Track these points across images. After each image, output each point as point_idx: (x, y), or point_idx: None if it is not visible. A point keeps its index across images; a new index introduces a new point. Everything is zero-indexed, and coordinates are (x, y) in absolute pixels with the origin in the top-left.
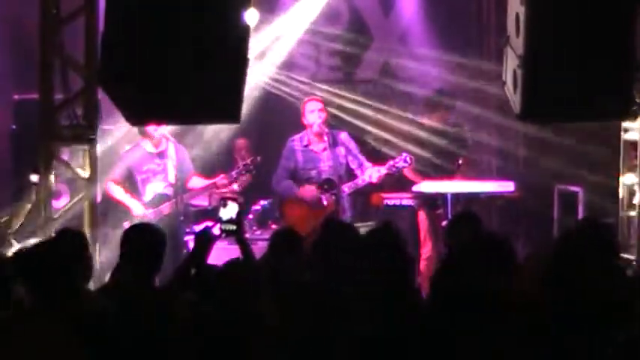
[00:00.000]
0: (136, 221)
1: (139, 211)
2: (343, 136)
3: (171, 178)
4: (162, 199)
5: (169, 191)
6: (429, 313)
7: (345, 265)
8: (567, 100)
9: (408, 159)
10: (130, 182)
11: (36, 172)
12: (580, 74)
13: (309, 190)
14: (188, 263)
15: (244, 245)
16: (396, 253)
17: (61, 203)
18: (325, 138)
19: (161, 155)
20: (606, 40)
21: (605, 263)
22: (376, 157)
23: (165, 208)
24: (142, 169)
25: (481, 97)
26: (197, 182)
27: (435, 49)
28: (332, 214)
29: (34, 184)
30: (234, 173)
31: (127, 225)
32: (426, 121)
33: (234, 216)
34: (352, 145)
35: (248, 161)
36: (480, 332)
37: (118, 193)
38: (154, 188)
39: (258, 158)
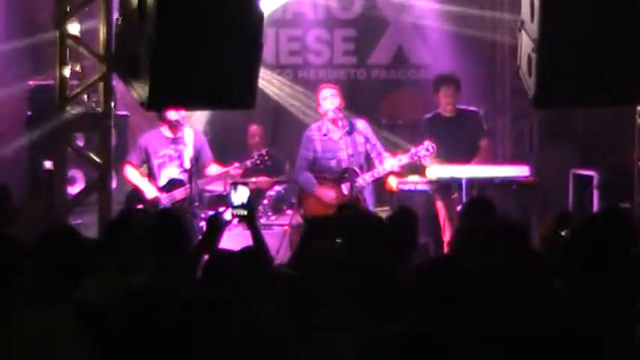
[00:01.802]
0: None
1: (153, 195)
2: (361, 123)
3: (187, 165)
4: (176, 184)
5: (184, 177)
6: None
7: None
8: (582, 85)
9: (430, 147)
10: (147, 166)
11: (50, 158)
12: (594, 58)
13: (327, 195)
14: (199, 249)
15: (255, 230)
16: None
17: (76, 189)
18: (340, 124)
19: (178, 141)
20: (620, 24)
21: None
22: (390, 143)
23: (179, 193)
24: (158, 153)
25: (495, 82)
26: (214, 169)
27: (450, 33)
28: (352, 200)
29: (48, 170)
30: (248, 163)
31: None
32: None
33: (245, 201)
34: (370, 133)
35: (263, 152)
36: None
37: (134, 176)
38: (169, 173)
39: (272, 150)
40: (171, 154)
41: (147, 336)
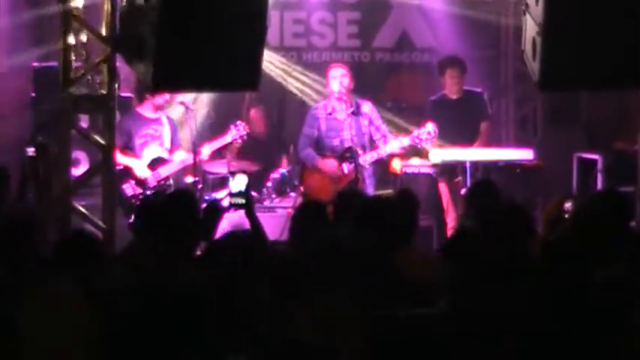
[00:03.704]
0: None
1: (142, 172)
2: (367, 106)
3: (167, 144)
4: (159, 162)
5: (166, 156)
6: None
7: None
8: (586, 68)
9: (432, 131)
10: (129, 147)
11: (33, 145)
12: (599, 42)
13: (329, 164)
14: (197, 235)
15: (252, 218)
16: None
17: (79, 171)
18: (344, 105)
19: (157, 121)
20: (625, 7)
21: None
22: (394, 126)
23: (164, 171)
24: (140, 133)
25: (500, 65)
26: (179, 155)
27: (454, 16)
28: (352, 182)
29: (31, 157)
30: (228, 137)
31: (127, 188)
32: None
33: (242, 189)
34: (375, 115)
35: (239, 124)
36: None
37: (120, 157)
38: (151, 152)
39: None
40: (153, 133)
41: (150, 315)
